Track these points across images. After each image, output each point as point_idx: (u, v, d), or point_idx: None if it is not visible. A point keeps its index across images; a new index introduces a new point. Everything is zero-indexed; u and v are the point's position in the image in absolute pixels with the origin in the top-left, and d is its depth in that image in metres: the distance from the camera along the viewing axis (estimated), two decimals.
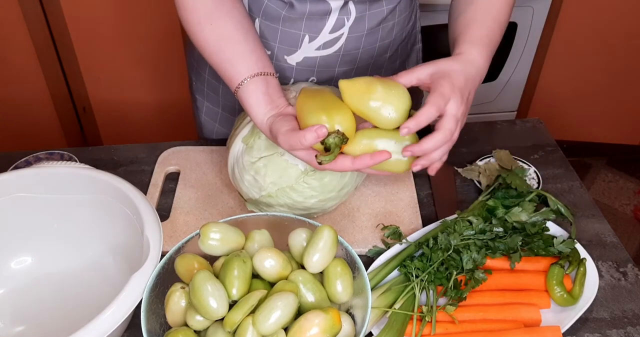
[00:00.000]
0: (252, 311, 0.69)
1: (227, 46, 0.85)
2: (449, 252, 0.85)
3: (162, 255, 0.77)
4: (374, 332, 0.79)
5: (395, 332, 0.77)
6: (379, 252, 0.90)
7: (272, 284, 0.75)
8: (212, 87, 1.13)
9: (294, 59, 1.00)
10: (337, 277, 0.75)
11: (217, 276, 0.73)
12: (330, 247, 0.75)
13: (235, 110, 1.14)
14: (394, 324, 0.78)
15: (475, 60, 0.83)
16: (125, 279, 0.72)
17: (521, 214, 0.89)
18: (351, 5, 0.94)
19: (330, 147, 0.74)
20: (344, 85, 0.77)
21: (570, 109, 2.32)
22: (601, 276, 0.89)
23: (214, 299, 0.69)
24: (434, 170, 0.80)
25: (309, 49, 0.98)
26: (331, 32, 0.96)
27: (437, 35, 1.34)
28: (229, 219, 0.80)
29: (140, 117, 2.20)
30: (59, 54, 1.99)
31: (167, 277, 0.76)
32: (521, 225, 0.89)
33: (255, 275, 0.76)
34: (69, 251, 0.90)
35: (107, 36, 1.97)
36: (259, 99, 0.82)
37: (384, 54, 1.04)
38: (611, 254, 0.93)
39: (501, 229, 0.88)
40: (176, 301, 0.73)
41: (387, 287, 0.83)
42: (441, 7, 1.81)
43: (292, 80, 1.03)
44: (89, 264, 0.90)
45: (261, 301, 0.70)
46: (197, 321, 0.72)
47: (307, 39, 0.97)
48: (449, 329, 0.80)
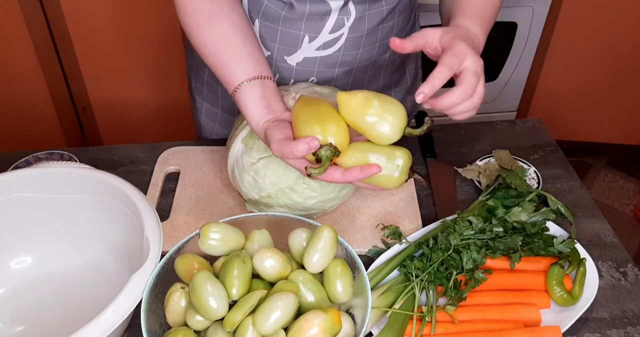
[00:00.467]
0: (252, 311, 0.69)
1: (225, 49, 0.85)
2: (449, 252, 0.85)
3: (162, 255, 0.77)
4: (374, 332, 0.79)
5: (395, 332, 0.77)
6: (379, 252, 0.90)
7: (272, 284, 0.75)
8: (212, 89, 1.13)
9: (293, 60, 1.00)
10: (337, 277, 0.75)
11: (217, 276, 0.73)
12: (330, 247, 0.75)
13: (234, 111, 1.14)
14: (394, 324, 0.78)
15: (473, 31, 0.83)
16: (125, 279, 0.72)
17: (521, 214, 0.89)
18: (351, 5, 0.94)
19: (321, 160, 0.74)
20: (342, 98, 0.77)
21: (570, 109, 2.32)
22: (601, 276, 0.89)
23: (214, 299, 0.69)
24: (459, 116, 0.77)
25: (308, 50, 0.98)
26: (331, 32, 0.96)
27: None
28: (229, 219, 0.80)
29: (140, 117, 2.20)
30: (59, 54, 1.99)
31: (167, 277, 0.76)
32: (521, 225, 0.89)
33: (255, 275, 0.76)
34: (69, 251, 0.90)
35: (107, 36, 1.97)
36: (255, 103, 0.82)
37: (384, 54, 1.04)
38: (611, 254, 0.93)
39: (501, 229, 0.88)
40: (176, 301, 0.73)
41: (387, 287, 0.83)
42: None
43: (292, 80, 1.03)
44: (89, 264, 0.90)
45: (261, 301, 0.70)
46: (197, 321, 0.72)
47: (307, 39, 0.97)
48: (449, 329, 0.80)
